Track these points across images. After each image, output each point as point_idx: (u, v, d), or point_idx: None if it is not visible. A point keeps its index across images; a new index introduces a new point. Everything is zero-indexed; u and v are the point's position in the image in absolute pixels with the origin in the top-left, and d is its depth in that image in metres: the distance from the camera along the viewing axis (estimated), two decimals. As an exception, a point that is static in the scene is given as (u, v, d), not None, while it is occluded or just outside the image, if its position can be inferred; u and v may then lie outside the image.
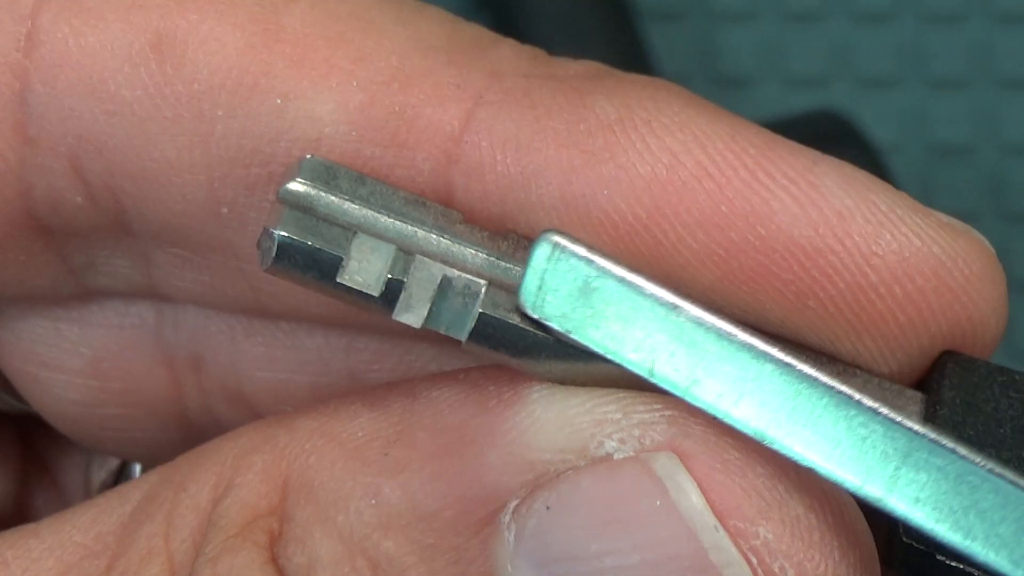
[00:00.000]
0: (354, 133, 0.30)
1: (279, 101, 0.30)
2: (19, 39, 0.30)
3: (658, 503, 0.27)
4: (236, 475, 0.30)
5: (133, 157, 0.31)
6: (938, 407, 0.30)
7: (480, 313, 0.29)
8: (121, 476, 0.40)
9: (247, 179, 0.31)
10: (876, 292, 0.29)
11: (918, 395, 0.30)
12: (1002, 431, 0.29)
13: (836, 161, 0.30)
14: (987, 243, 0.31)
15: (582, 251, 0.28)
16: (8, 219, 0.32)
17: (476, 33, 0.31)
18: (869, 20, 0.75)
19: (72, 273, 0.33)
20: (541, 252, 0.28)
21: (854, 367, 0.30)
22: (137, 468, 0.40)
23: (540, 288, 0.28)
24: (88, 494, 0.40)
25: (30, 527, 0.32)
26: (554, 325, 0.28)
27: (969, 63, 0.75)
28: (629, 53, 0.71)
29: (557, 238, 0.28)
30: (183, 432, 0.36)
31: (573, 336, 0.28)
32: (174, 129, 0.30)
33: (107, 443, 0.37)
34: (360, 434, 0.30)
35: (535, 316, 0.28)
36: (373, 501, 0.29)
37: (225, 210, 0.31)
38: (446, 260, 0.29)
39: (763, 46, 0.75)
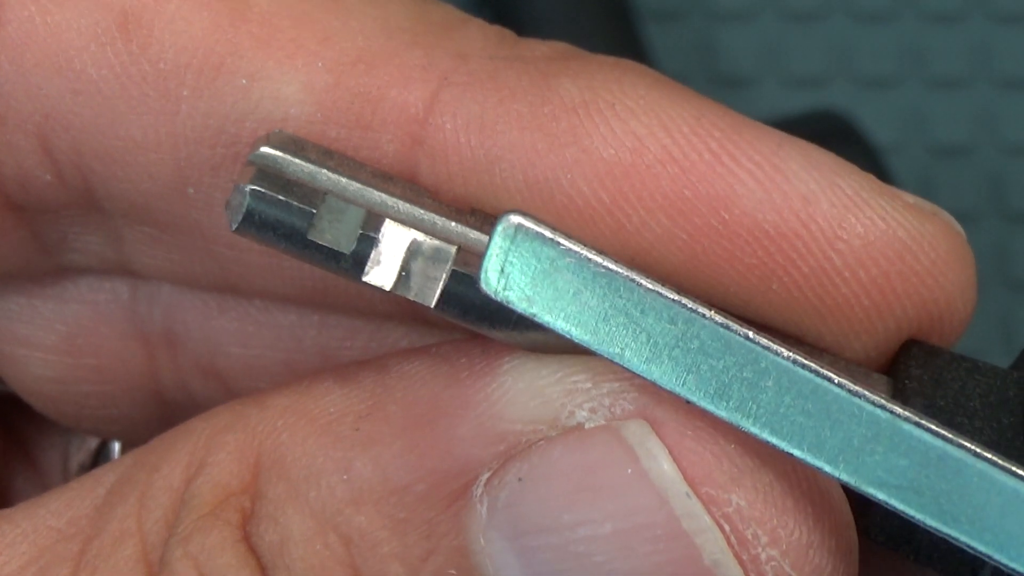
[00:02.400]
0: (319, 114, 0.30)
1: (245, 81, 0.30)
2: None
3: (629, 471, 0.27)
4: (208, 454, 0.30)
5: (100, 135, 0.31)
6: (907, 381, 0.29)
7: (449, 277, 0.28)
8: (100, 456, 0.40)
9: (212, 159, 0.31)
10: (840, 276, 0.29)
11: (884, 378, 0.30)
12: (972, 404, 0.29)
13: (802, 143, 0.30)
14: (956, 224, 0.31)
15: (545, 232, 0.27)
16: None
17: (444, 13, 0.31)
18: (869, 20, 0.75)
19: (44, 250, 0.33)
20: (503, 233, 0.27)
21: (820, 350, 0.30)
22: (116, 447, 0.40)
23: (502, 270, 0.27)
24: (66, 474, 0.40)
25: (4, 512, 0.32)
26: (518, 307, 0.27)
27: (969, 63, 0.75)
28: (629, 53, 0.71)
29: (519, 219, 0.27)
30: (159, 409, 0.36)
31: (538, 319, 0.27)
32: (140, 108, 0.30)
33: (84, 421, 0.37)
34: (332, 410, 0.30)
35: (498, 299, 0.27)
36: (345, 476, 0.29)
37: (191, 190, 0.31)
38: (415, 226, 0.29)
39: (763, 46, 0.75)
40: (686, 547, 0.27)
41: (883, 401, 0.27)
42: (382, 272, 0.29)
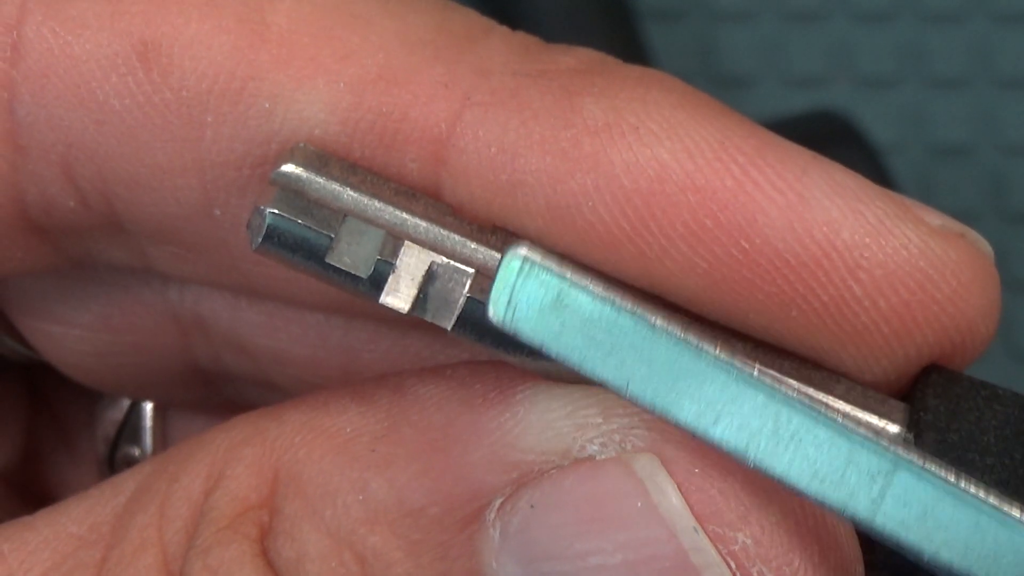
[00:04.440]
0: (343, 134, 0.30)
1: (267, 104, 0.30)
2: (5, 49, 0.30)
3: (639, 504, 0.28)
4: (227, 467, 0.30)
5: (124, 163, 0.31)
6: (922, 413, 0.29)
7: (466, 301, 0.29)
8: (130, 416, 0.40)
9: (239, 181, 0.31)
10: (860, 305, 0.29)
11: (901, 405, 0.30)
12: (986, 439, 0.29)
13: (828, 167, 0.30)
14: (982, 246, 0.30)
15: (552, 266, 0.27)
16: (2, 222, 0.32)
17: (466, 22, 0.31)
18: (869, 20, 0.75)
19: (70, 260, 0.34)
20: (510, 266, 0.27)
21: (837, 374, 0.30)
22: (148, 408, 0.40)
23: (509, 302, 0.27)
24: (94, 436, 0.41)
25: (25, 520, 0.32)
26: (526, 338, 0.27)
27: (969, 63, 0.75)
28: (629, 53, 0.71)
29: (526, 252, 0.27)
30: (196, 376, 0.37)
31: (546, 351, 0.27)
32: (164, 135, 0.30)
33: (122, 388, 0.38)
34: (348, 429, 0.30)
35: (507, 329, 0.27)
36: (360, 496, 0.29)
37: (218, 212, 0.31)
38: (435, 247, 0.29)
39: (763, 46, 0.75)
40: None
41: (900, 449, 0.27)
42: (400, 294, 0.29)
